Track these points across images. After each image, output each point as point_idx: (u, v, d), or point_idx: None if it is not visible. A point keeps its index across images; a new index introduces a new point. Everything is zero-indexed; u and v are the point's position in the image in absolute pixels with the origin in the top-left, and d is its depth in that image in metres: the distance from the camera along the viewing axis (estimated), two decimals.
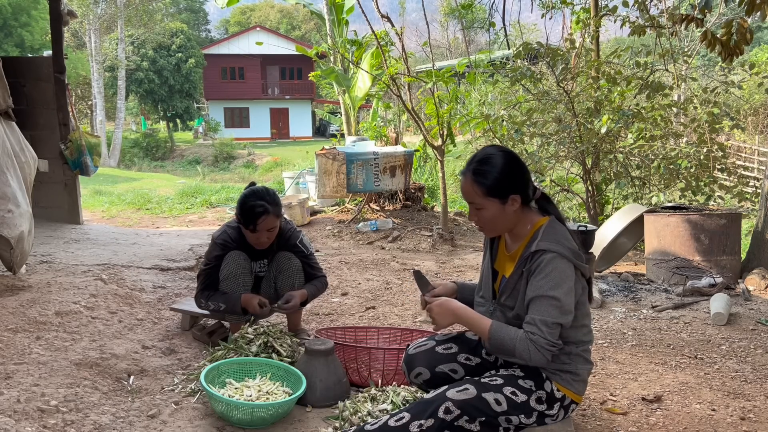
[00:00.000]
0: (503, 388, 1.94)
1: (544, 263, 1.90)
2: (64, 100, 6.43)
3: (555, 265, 1.89)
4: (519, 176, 2.00)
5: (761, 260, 4.99)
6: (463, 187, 2.03)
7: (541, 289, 1.88)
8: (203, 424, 2.31)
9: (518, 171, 2.00)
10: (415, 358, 2.21)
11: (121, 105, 28.75)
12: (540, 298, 1.88)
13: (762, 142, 15.99)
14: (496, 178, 1.96)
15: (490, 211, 1.99)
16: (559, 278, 1.89)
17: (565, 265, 1.90)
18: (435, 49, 28.05)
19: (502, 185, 1.96)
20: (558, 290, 1.87)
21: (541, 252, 1.91)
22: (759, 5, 3.24)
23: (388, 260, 5.68)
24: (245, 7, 53.46)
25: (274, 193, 3.02)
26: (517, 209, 2.00)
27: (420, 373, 2.19)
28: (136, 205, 9.88)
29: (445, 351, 2.21)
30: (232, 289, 3.01)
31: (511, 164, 1.99)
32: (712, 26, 6.71)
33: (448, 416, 1.86)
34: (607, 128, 6.19)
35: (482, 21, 18.52)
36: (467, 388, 1.92)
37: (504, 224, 2.03)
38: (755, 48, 22.34)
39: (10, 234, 3.60)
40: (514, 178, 1.98)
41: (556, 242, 1.93)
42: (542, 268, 1.89)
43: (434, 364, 2.18)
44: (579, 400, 2.05)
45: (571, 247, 1.94)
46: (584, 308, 2.02)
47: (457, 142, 9.28)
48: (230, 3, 9.94)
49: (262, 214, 2.90)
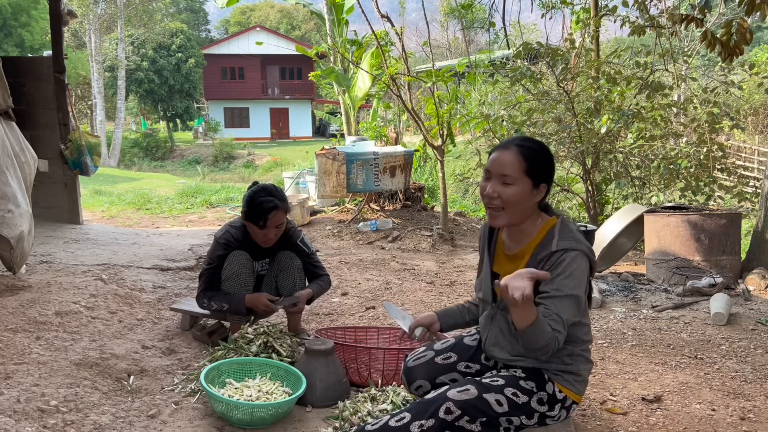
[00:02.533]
0: (504, 389, 1.93)
1: (567, 261, 1.88)
2: (64, 100, 6.43)
3: (578, 263, 1.88)
4: (552, 171, 2.01)
5: (761, 260, 4.99)
6: (502, 157, 1.95)
7: (566, 288, 1.86)
8: (203, 424, 2.31)
9: (553, 166, 2.02)
10: (415, 370, 2.20)
11: (121, 105, 28.76)
12: (566, 297, 1.86)
13: (762, 142, 15.99)
14: (540, 161, 1.96)
15: (519, 188, 1.93)
16: (581, 277, 1.88)
17: (585, 264, 1.91)
18: (435, 49, 28.07)
19: (541, 169, 1.95)
20: (579, 289, 1.87)
21: (563, 251, 1.89)
22: (759, 5, 3.24)
23: (388, 260, 5.68)
24: (245, 7, 53.47)
25: (281, 190, 3.04)
26: (537, 202, 1.98)
27: (420, 385, 2.19)
28: (136, 205, 9.88)
29: (445, 361, 2.19)
30: (235, 289, 3.02)
31: (550, 156, 2.01)
32: (712, 26, 6.71)
33: (448, 416, 1.86)
34: (607, 128, 6.19)
35: (482, 21, 18.53)
36: (468, 388, 1.91)
37: (522, 211, 1.97)
38: (755, 48, 22.34)
39: (10, 234, 3.60)
40: (549, 170, 1.99)
41: (577, 241, 1.92)
42: (566, 267, 1.87)
43: (434, 375, 2.17)
44: (579, 400, 2.05)
45: (589, 245, 1.95)
46: (586, 307, 2.02)
47: (457, 142, 9.28)
48: (230, 3, 9.93)
49: (273, 209, 2.91)
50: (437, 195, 8.91)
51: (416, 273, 5.20)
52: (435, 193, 9.58)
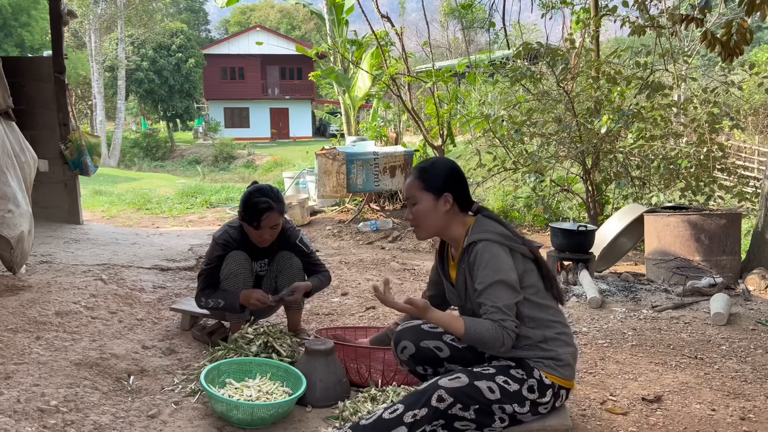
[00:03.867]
0: (496, 377, 1.97)
1: (479, 253, 1.99)
2: (64, 100, 6.44)
3: (489, 251, 1.98)
4: (455, 181, 2.15)
5: (761, 260, 4.99)
6: (407, 184, 2.20)
7: (488, 278, 1.95)
8: (203, 424, 2.31)
9: (456, 177, 2.16)
10: (402, 333, 2.28)
11: (121, 105, 28.75)
12: (490, 286, 1.95)
13: (762, 142, 15.98)
14: (435, 175, 2.14)
15: (424, 205, 2.12)
16: (498, 262, 1.97)
17: (497, 249, 1.99)
18: (435, 49, 28.04)
19: (438, 182, 2.12)
20: (501, 273, 1.96)
21: (473, 244, 2.02)
22: (759, 5, 3.24)
23: (388, 260, 5.68)
24: (245, 7, 53.45)
25: (277, 191, 3.03)
26: (449, 210, 2.12)
27: (405, 347, 2.24)
28: (136, 205, 9.88)
29: (432, 329, 2.26)
30: (233, 288, 3.01)
31: (451, 169, 2.17)
32: (712, 26, 6.71)
33: (441, 404, 1.88)
34: (607, 128, 6.19)
35: (482, 21, 18.52)
36: (459, 376, 1.95)
37: (434, 222, 2.14)
38: (755, 48, 22.32)
39: (10, 234, 3.60)
40: (450, 180, 2.14)
41: (483, 231, 2.04)
42: (480, 259, 1.98)
43: (420, 338, 2.24)
44: (570, 386, 2.06)
45: (499, 231, 2.05)
46: (536, 288, 2.04)
47: (457, 142, 9.29)
48: (230, 3, 9.94)
49: (266, 211, 2.90)
50: None
51: (416, 273, 5.20)
52: None
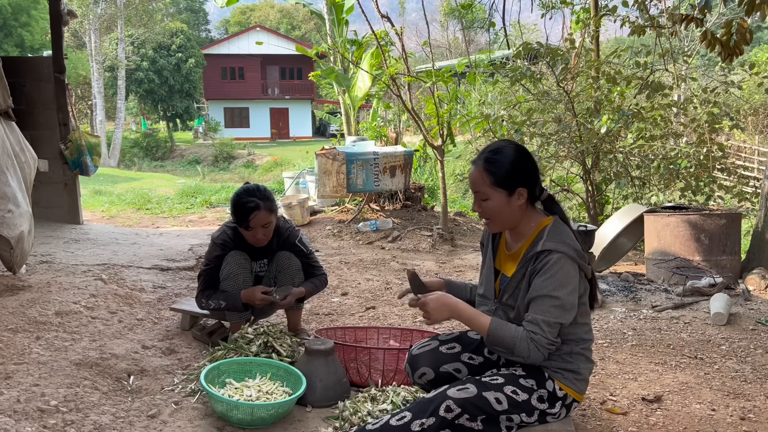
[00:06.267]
0: (504, 387, 1.95)
1: (550, 263, 1.90)
2: (64, 100, 6.43)
3: (561, 265, 1.90)
4: (528, 171, 2.00)
5: (761, 260, 4.99)
6: (472, 175, 2.02)
7: (545, 289, 1.89)
8: (203, 424, 2.31)
9: (528, 166, 2.00)
10: (419, 358, 2.21)
11: (121, 105, 28.75)
12: (543, 297, 1.89)
13: (762, 142, 15.98)
14: (507, 169, 1.96)
15: (496, 202, 1.98)
16: (564, 279, 1.89)
17: (570, 265, 1.91)
18: (435, 49, 28.06)
19: (511, 176, 1.96)
20: (561, 290, 1.88)
21: (548, 252, 1.91)
22: (759, 5, 3.24)
23: (388, 260, 5.68)
24: (245, 7, 53.43)
25: (265, 189, 3.00)
26: (522, 205, 2.00)
27: (424, 373, 2.19)
28: (136, 205, 9.88)
29: (449, 351, 2.21)
30: (233, 289, 3.01)
31: (522, 158, 1.99)
32: (712, 26, 6.71)
33: (449, 414, 1.87)
34: (607, 128, 6.19)
35: (482, 21, 18.52)
36: (468, 387, 1.93)
37: (508, 218, 2.02)
38: (755, 48, 22.33)
39: (10, 234, 3.59)
40: (523, 172, 1.98)
41: (562, 242, 1.93)
42: (548, 268, 1.90)
43: (438, 363, 2.19)
44: (580, 399, 2.06)
45: (576, 247, 1.95)
46: (585, 307, 2.03)
47: (457, 142, 9.28)
48: (230, 3, 9.92)
49: (254, 210, 2.88)
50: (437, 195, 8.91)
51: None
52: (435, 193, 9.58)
